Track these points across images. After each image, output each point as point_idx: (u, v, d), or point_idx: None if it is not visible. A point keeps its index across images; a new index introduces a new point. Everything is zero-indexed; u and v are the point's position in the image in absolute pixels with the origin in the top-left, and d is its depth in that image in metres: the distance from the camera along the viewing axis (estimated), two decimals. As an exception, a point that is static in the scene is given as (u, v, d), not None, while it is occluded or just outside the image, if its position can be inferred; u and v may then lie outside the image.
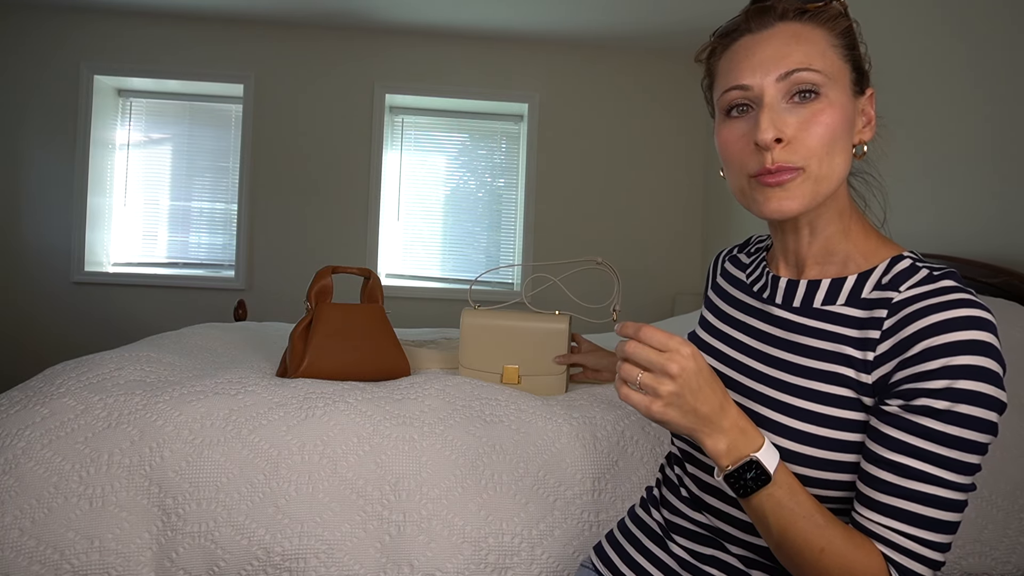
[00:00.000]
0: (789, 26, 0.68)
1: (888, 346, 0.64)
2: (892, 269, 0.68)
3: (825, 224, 0.72)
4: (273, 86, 3.88)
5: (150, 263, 3.97)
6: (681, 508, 0.81)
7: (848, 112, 0.68)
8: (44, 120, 3.76)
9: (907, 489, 0.60)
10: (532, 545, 1.01)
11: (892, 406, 0.62)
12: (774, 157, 0.66)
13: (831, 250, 0.73)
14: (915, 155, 2.05)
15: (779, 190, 0.67)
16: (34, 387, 1.13)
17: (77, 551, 0.96)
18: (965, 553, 1.03)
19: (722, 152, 0.72)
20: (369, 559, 0.99)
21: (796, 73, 0.66)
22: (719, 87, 0.72)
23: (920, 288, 0.64)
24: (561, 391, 1.29)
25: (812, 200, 0.67)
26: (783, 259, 0.78)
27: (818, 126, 0.66)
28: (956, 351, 0.59)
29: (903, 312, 0.64)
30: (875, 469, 0.62)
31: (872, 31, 2.30)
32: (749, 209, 0.71)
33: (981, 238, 1.77)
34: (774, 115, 0.66)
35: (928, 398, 0.60)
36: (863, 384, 0.65)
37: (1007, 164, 1.70)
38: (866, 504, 0.63)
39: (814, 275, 0.74)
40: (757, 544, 0.74)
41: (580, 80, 4.01)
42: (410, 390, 1.18)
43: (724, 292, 0.86)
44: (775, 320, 0.75)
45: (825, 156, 0.66)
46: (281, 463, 1.02)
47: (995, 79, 1.74)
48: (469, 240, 4.12)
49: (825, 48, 0.68)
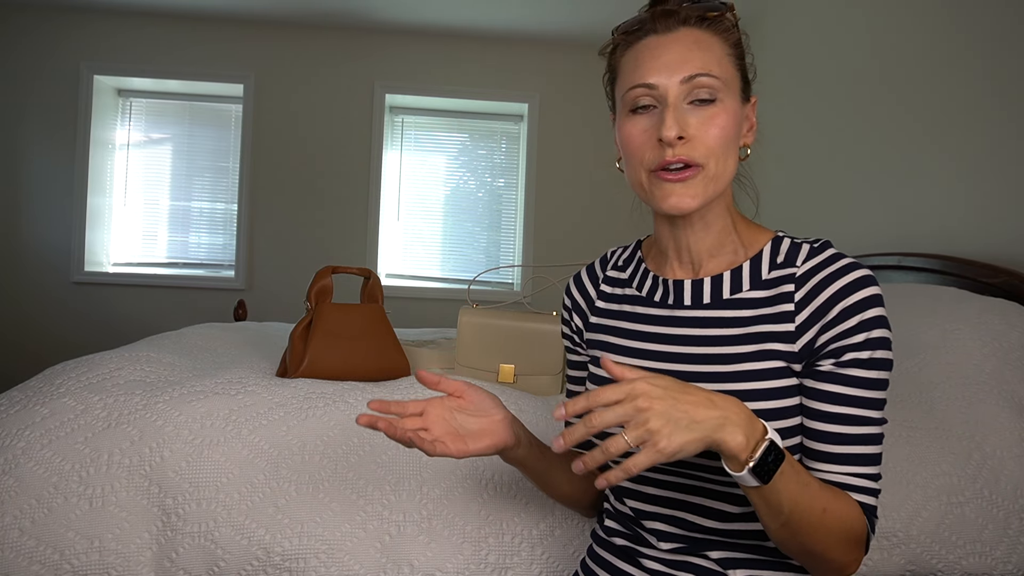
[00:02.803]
0: (691, 32, 0.73)
1: (806, 315, 0.72)
2: (779, 249, 0.77)
3: (715, 219, 0.77)
4: (273, 86, 3.88)
5: (150, 263, 3.97)
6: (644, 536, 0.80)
7: (738, 117, 0.74)
8: (44, 120, 3.76)
9: (852, 435, 0.69)
10: (532, 545, 1.01)
11: (825, 365, 0.70)
12: (676, 152, 0.71)
13: (722, 242, 0.78)
14: (915, 154, 2.05)
15: (679, 186, 0.72)
16: (34, 387, 1.13)
17: (77, 551, 0.96)
18: (965, 553, 1.03)
19: (624, 146, 0.76)
20: (369, 559, 0.99)
21: (698, 77, 0.71)
22: (624, 83, 0.76)
23: (813, 260, 0.73)
24: (557, 391, 1.29)
25: (707, 198, 0.73)
26: (676, 259, 0.81)
27: (715, 128, 0.71)
28: (865, 306, 0.69)
29: (810, 283, 0.72)
30: (821, 424, 0.70)
31: (873, 29, 2.30)
32: (647, 203, 0.76)
33: (981, 238, 1.77)
34: (678, 114, 0.71)
35: (853, 352, 0.69)
36: (791, 352, 0.72)
37: (1007, 164, 1.70)
38: (821, 459, 0.70)
39: (711, 268, 0.79)
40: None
41: (580, 80, 4.01)
42: (410, 390, 1.18)
43: (618, 313, 0.85)
44: (688, 321, 0.78)
45: (721, 156, 0.72)
46: (281, 463, 1.02)
47: (997, 78, 1.74)
48: (469, 240, 4.12)
49: (722, 56, 0.73)
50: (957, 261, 1.66)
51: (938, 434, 1.10)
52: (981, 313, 1.31)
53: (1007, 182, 1.70)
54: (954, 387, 1.18)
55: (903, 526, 1.02)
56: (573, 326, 0.91)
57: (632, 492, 0.80)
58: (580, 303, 0.91)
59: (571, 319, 0.92)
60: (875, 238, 2.23)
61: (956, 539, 1.03)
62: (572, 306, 0.92)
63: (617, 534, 0.84)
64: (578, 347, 0.92)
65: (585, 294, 0.90)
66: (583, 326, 0.90)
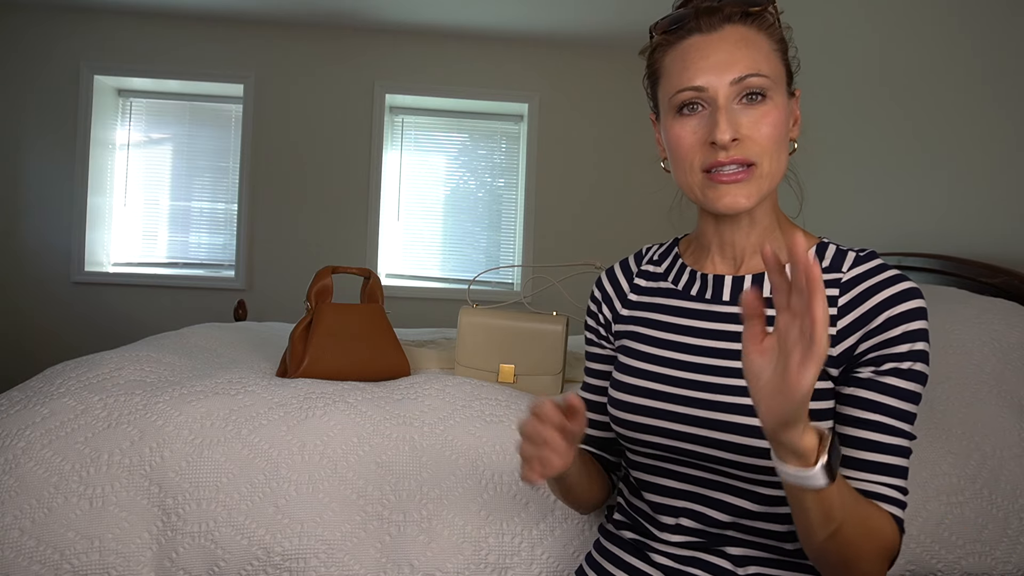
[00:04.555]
0: (736, 29, 0.72)
1: (849, 320, 0.70)
2: (825, 254, 0.76)
3: (762, 216, 0.77)
4: (273, 86, 3.88)
5: (150, 263, 3.97)
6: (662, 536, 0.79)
7: (786, 113, 0.73)
8: (44, 120, 3.76)
9: (885, 444, 0.68)
10: (532, 545, 1.01)
11: (864, 372, 0.69)
12: (730, 154, 0.70)
13: (765, 240, 0.78)
14: (915, 154, 2.05)
15: (734, 187, 0.71)
16: (34, 387, 1.13)
17: (77, 551, 0.96)
18: (965, 553, 1.03)
19: (674, 148, 0.75)
20: (369, 559, 0.99)
21: (749, 78, 0.70)
22: (669, 86, 0.75)
23: (860, 268, 0.73)
24: (557, 391, 1.29)
25: (760, 196, 0.72)
26: (718, 253, 0.80)
27: (767, 126, 0.71)
28: (911, 318, 0.68)
29: (856, 289, 0.71)
30: (856, 430, 0.69)
31: (874, 28, 2.30)
32: (699, 203, 0.76)
33: (980, 238, 1.77)
34: (730, 116, 0.70)
35: (894, 361, 0.68)
36: (828, 356, 0.70)
37: (1007, 164, 1.70)
38: (855, 466, 0.68)
39: (752, 266, 0.78)
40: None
41: (580, 80, 4.01)
42: (410, 390, 1.18)
43: (651, 305, 0.84)
44: (725, 317, 0.77)
45: (774, 154, 0.71)
46: (281, 463, 1.02)
47: (997, 78, 1.74)
48: (469, 240, 4.12)
49: (768, 53, 0.72)
50: (957, 261, 1.66)
51: (938, 434, 1.10)
52: (981, 313, 1.31)
53: (1007, 182, 1.70)
54: (954, 387, 1.18)
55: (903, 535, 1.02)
56: (601, 318, 0.90)
57: (653, 486, 0.79)
58: (611, 295, 0.89)
59: (599, 311, 0.90)
60: (875, 237, 2.23)
61: (956, 539, 1.03)
62: (602, 297, 0.90)
63: (626, 527, 0.84)
64: (603, 340, 0.90)
65: (617, 286, 0.89)
66: (612, 318, 0.88)
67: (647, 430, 0.77)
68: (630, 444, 0.81)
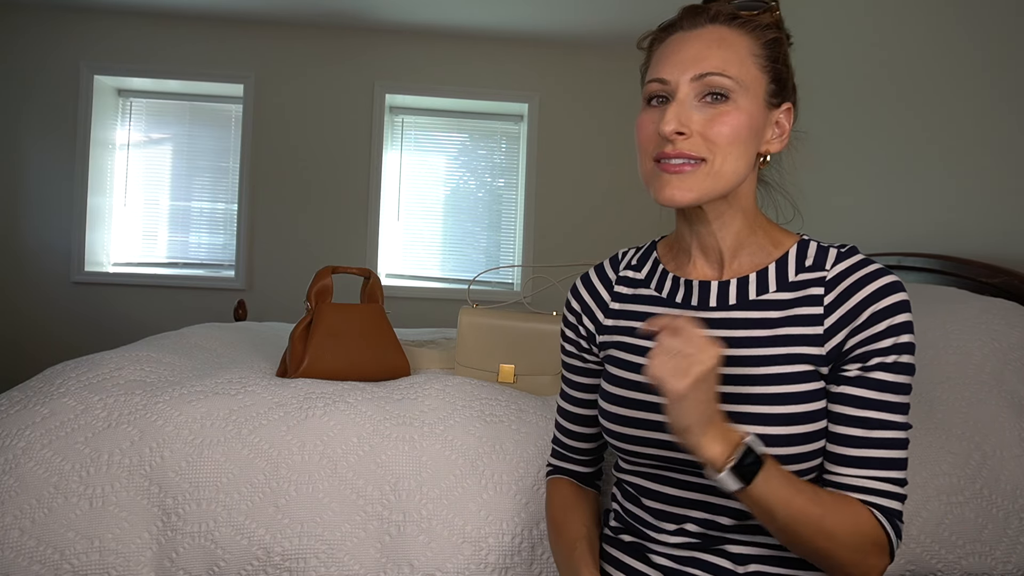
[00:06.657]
0: (717, 29, 0.73)
1: (835, 318, 0.71)
2: (806, 252, 0.76)
3: (730, 219, 0.77)
4: (273, 86, 3.88)
5: (150, 263, 3.97)
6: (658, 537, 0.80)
7: (756, 120, 0.73)
8: (44, 120, 3.76)
9: (871, 439, 0.69)
10: (532, 545, 1.01)
11: (852, 369, 0.70)
12: (675, 147, 0.71)
13: (742, 242, 0.78)
14: (915, 154, 2.05)
15: (676, 178, 0.71)
16: (34, 387, 1.13)
17: (77, 551, 0.96)
18: (965, 553, 1.03)
19: (637, 136, 0.77)
20: (369, 559, 0.99)
21: (709, 76, 0.70)
22: (646, 77, 0.77)
23: (843, 264, 0.73)
24: (557, 391, 1.29)
25: (706, 193, 0.72)
26: (701, 256, 0.80)
27: (722, 126, 0.70)
28: (894, 312, 0.69)
29: (840, 286, 0.72)
30: (844, 428, 0.70)
31: (874, 28, 2.30)
32: (650, 193, 0.76)
33: (980, 238, 1.77)
34: (681, 110, 0.71)
35: (880, 356, 0.69)
36: (819, 356, 0.71)
37: (1007, 164, 1.70)
38: (841, 462, 0.70)
39: (735, 268, 0.79)
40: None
41: (580, 80, 4.01)
42: (410, 390, 1.18)
43: (635, 314, 0.83)
44: (714, 322, 0.77)
45: (727, 154, 0.71)
46: (281, 463, 1.02)
47: (998, 78, 1.74)
48: (469, 240, 4.12)
49: (744, 56, 0.72)
50: (957, 261, 1.66)
51: (938, 434, 1.10)
52: (981, 313, 1.31)
53: (1007, 182, 1.70)
54: (954, 387, 1.18)
55: (903, 526, 1.02)
56: (582, 330, 0.88)
57: (654, 493, 0.79)
58: (591, 306, 0.87)
59: (579, 323, 0.88)
60: (875, 238, 2.23)
61: (956, 539, 1.03)
62: (581, 309, 0.88)
63: (624, 531, 0.84)
64: (584, 352, 0.88)
65: (596, 296, 0.87)
66: (595, 329, 0.86)
67: (644, 442, 0.77)
68: (627, 456, 0.80)
